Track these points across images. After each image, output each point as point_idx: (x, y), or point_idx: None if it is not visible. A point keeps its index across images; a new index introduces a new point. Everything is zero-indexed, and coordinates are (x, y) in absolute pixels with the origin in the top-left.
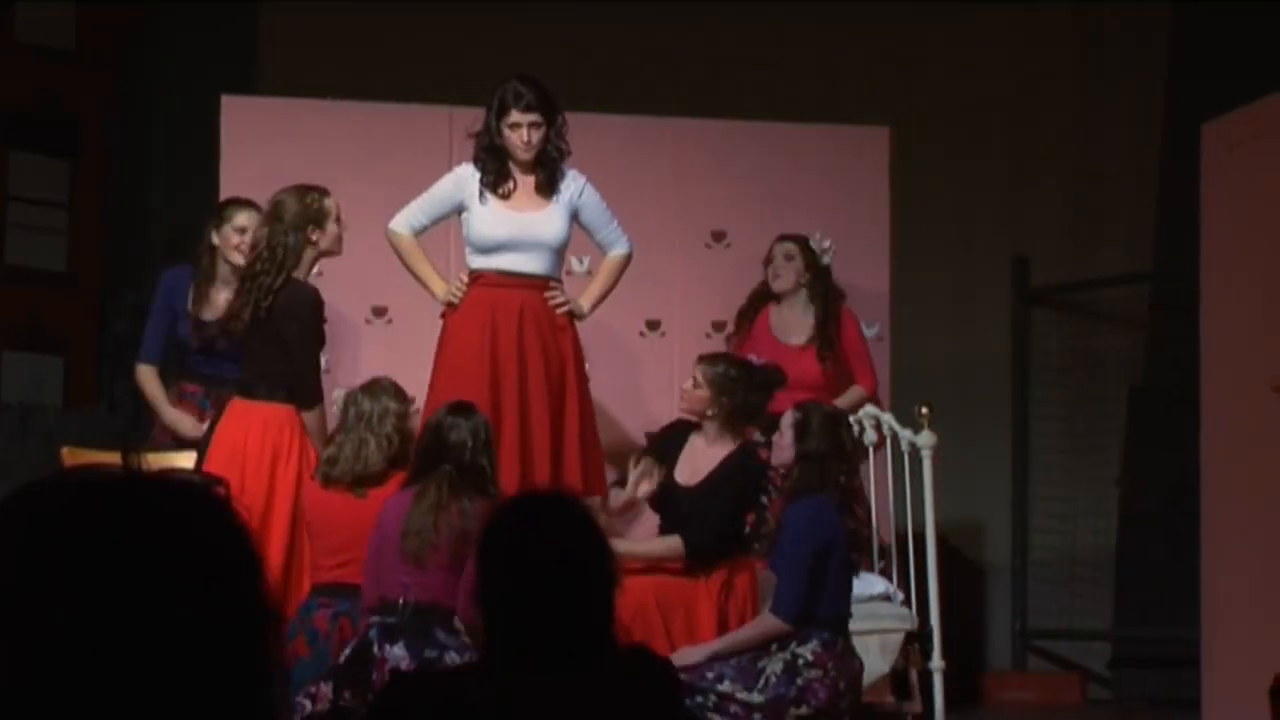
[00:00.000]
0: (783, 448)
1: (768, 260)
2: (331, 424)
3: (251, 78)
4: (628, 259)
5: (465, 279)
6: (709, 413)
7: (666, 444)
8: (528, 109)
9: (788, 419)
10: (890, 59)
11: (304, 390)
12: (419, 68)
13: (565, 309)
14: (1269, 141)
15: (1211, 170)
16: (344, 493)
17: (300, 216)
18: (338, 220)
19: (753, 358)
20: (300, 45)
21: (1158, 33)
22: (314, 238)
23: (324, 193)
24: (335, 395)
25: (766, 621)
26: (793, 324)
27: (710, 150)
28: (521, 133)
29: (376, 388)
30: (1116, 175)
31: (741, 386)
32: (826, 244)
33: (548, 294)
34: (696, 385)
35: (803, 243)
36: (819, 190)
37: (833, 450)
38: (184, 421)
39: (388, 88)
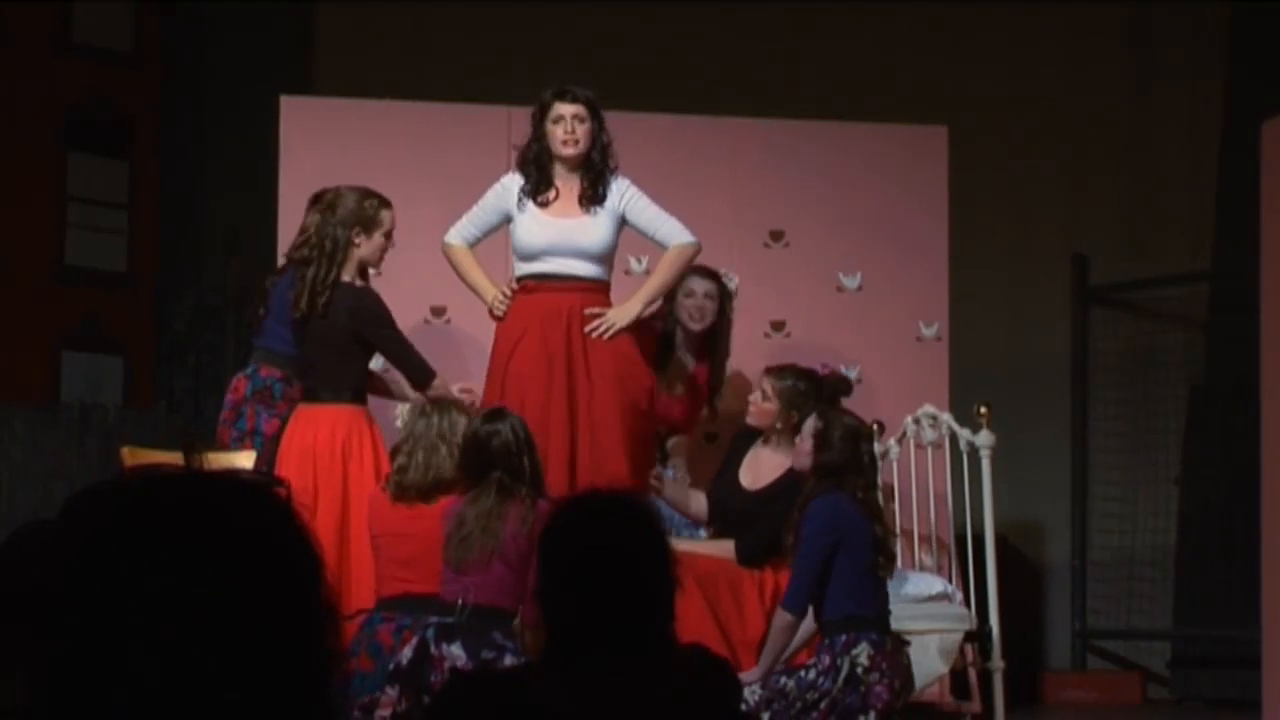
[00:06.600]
0: (803, 454)
1: (689, 294)
2: (395, 438)
3: (307, 78)
4: (691, 249)
5: (511, 288)
6: (777, 425)
7: (734, 446)
8: (572, 100)
9: (809, 426)
10: (948, 59)
11: (418, 372)
12: (476, 67)
13: (604, 332)
14: None
15: (1271, 169)
16: (415, 503)
17: (352, 215)
18: (388, 235)
19: (818, 367)
20: (357, 45)
21: (1216, 31)
22: (357, 240)
23: (385, 204)
24: (400, 410)
25: (778, 619)
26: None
27: (768, 150)
28: (565, 124)
29: (443, 402)
30: (1175, 174)
31: (810, 399)
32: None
33: (586, 313)
34: (765, 398)
35: (719, 280)
36: (877, 190)
37: (852, 463)
38: None
39: (445, 88)
